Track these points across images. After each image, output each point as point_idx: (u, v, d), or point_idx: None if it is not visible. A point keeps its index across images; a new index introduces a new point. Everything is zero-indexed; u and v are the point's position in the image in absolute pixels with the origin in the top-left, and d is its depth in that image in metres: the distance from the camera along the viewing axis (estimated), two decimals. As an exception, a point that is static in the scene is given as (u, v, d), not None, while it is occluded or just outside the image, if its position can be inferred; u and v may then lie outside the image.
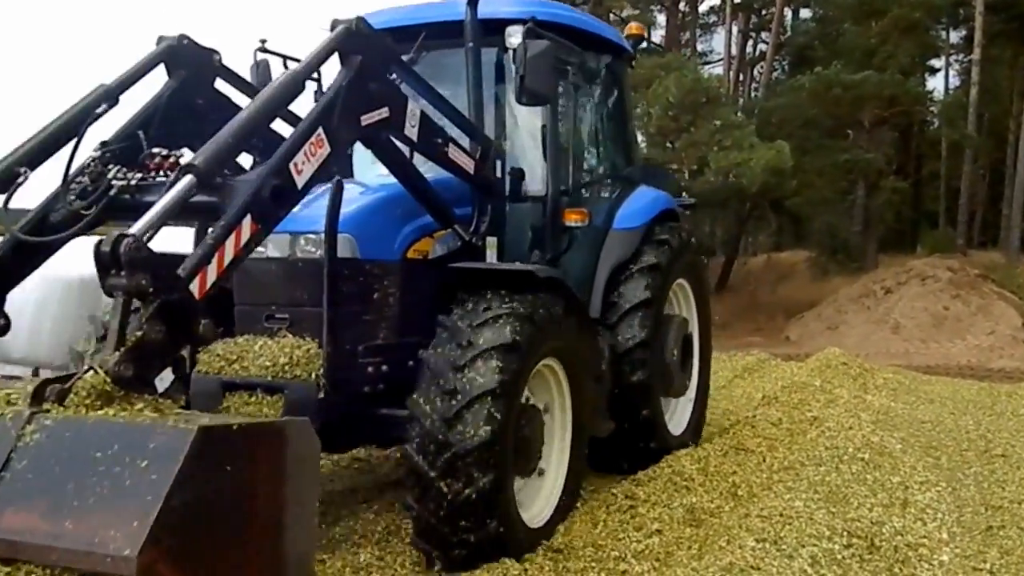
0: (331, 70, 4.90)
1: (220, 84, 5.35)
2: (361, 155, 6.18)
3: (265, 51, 6.18)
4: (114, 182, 4.39)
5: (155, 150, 4.57)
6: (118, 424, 3.19)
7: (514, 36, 5.71)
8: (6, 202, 4.38)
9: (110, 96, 4.75)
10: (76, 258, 4.61)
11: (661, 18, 33.19)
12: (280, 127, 4.88)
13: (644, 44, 33.30)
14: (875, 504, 6.21)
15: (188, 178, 3.87)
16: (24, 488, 3.04)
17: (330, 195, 4.89)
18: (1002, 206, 32.75)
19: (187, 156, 4.32)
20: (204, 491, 3.00)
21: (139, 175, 4.43)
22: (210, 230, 3.96)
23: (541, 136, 6.47)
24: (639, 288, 6.77)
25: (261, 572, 3.33)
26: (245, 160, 5.14)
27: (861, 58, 25.88)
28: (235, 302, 5.34)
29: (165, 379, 4.41)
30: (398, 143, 5.19)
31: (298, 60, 5.17)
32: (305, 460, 3.65)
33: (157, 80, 5.02)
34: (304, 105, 4.89)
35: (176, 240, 4.58)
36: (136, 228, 3.58)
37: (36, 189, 4.48)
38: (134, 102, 4.87)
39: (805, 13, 37.07)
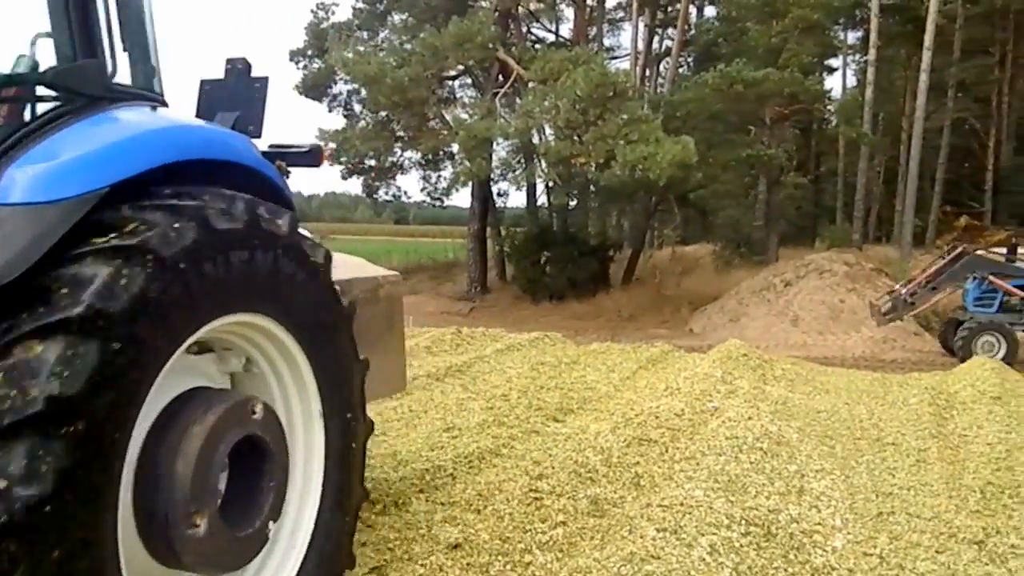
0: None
1: None
2: None
3: None
4: None
5: None
6: None
7: None
8: None
9: None
10: None
11: (569, 12, 33.38)
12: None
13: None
14: (772, 492, 6.36)
15: None
16: None
17: None
18: (896, 202, 33.92)
19: None
20: None
21: None
22: None
23: None
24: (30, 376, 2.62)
25: None
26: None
27: (763, 56, 26.40)
28: None
29: None
30: None
31: None
32: None
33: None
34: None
35: None
36: None
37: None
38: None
39: (710, 11, 37.77)
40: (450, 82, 30.54)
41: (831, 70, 43.80)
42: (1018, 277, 16.61)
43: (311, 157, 5.13)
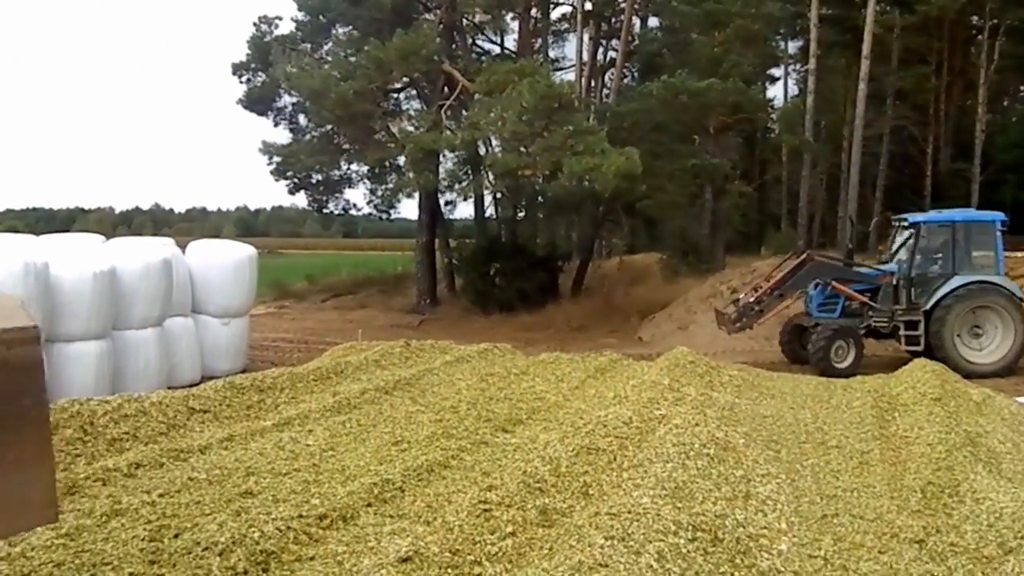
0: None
1: None
2: None
3: None
4: None
5: None
6: None
7: None
8: None
9: None
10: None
11: (514, 24, 33.47)
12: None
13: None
14: (719, 498, 6.42)
15: None
16: None
17: None
18: (839, 209, 34.47)
19: None
20: None
21: None
22: None
23: None
24: None
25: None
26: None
27: (706, 66, 26.68)
28: None
29: None
30: None
31: None
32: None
33: None
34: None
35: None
36: None
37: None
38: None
39: (653, 22, 38.11)
40: (395, 95, 30.47)
41: (773, 79, 44.59)
42: (859, 281, 17.02)
43: None
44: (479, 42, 34.45)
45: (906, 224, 17.25)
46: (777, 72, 44.25)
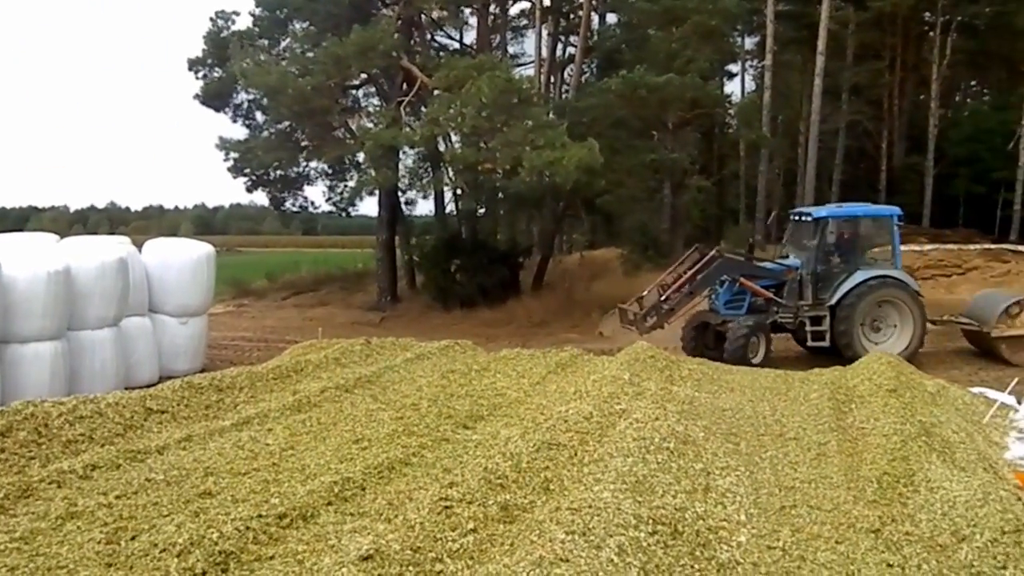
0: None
1: None
2: None
3: None
4: None
5: None
6: None
7: None
8: None
9: None
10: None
11: (473, 20, 33.37)
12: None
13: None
14: (679, 491, 6.48)
15: None
16: None
17: None
18: (796, 203, 34.81)
19: None
20: None
21: None
22: None
23: None
24: None
25: None
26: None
27: (665, 62, 26.74)
28: None
29: None
30: None
31: None
32: None
33: None
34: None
35: None
36: None
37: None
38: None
39: (612, 18, 38.20)
40: (354, 91, 30.25)
41: (731, 75, 44.88)
42: (765, 277, 16.92)
43: None
44: (438, 38, 34.34)
45: (808, 219, 17.20)
46: (734, 68, 44.57)
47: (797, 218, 18.08)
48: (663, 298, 16.38)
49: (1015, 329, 16.86)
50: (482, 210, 32.47)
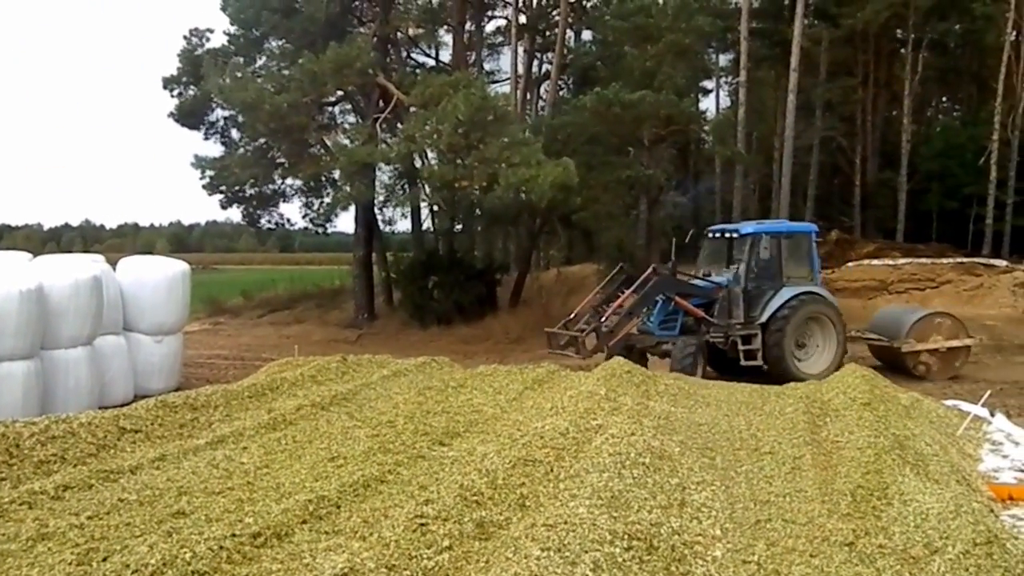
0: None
1: None
2: None
3: None
4: None
5: None
6: None
7: None
8: None
9: None
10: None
11: (448, 38, 33.48)
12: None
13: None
14: (654, 506, 6.49)
15: None
16: None
17: None
18: (771, 218, 35.02)
19: None
20: None
21: None
22: None
23: None
24: None
25: None
26: None
27: (640, 79, 26.93)
28: None
29: None
30: None
31: None
32: None
33: None
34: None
35: None
36: None
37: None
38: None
39: (587, 35, 38.44)
40: (330, 108, 30.25)
41: (705, 92, 45.27)
42: (696, 296, 16.76)
43: None
44: (414, 55, 34.44)
45: (735, 235, 17.18)
46: (709, 84, 45.00)
47: (716, 235, 18.01)
48: (603, 320, 16.05)
49: (924, 344, 17.06)
50: (459, 227, 32.51)
